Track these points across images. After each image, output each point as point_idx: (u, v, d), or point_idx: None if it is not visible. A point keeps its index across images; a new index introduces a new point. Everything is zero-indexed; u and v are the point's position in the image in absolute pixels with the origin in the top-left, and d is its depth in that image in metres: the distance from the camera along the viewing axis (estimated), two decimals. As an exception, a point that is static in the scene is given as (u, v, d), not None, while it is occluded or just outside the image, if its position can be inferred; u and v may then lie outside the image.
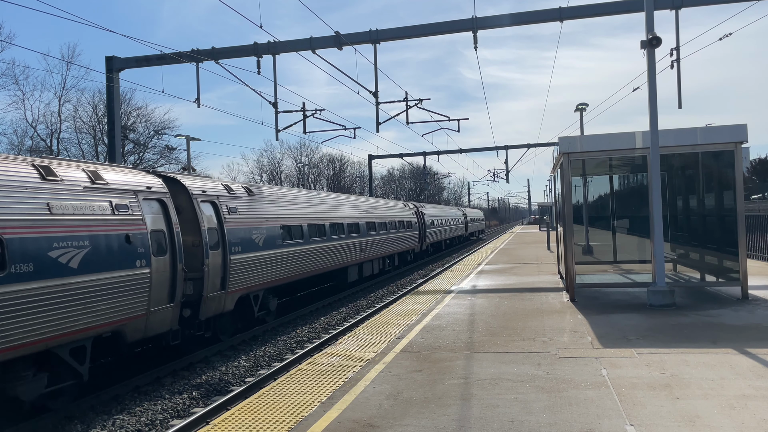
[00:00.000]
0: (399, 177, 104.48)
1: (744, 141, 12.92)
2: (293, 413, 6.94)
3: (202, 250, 12.95)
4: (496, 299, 14.92)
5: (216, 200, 14.06)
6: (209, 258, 13.11)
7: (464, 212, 63.08)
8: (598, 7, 18.04)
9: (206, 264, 12.99)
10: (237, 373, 12.46)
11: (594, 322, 11.40)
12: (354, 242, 23.59)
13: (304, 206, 19.71)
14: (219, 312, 13.73)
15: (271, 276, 16.26)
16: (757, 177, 54.64)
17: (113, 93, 20.85)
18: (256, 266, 15.34)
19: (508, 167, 48.90)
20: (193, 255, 12.81)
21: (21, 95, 60.03)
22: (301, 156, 78.16)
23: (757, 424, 5.93)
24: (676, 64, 17.00)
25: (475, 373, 8.20)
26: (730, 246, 13.40)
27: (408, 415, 6.61)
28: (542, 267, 23.19)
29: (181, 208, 12.72)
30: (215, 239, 13.64)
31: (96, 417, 9.78)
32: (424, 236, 38.32)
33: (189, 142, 31.90)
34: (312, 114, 25.32)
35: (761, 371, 7.68)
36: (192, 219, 13.04)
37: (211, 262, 13.21)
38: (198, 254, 12.92)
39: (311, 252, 19.16)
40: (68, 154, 45.32)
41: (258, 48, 19.59)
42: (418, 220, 37.00)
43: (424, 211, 39.64)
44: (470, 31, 18.49)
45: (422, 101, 26.94)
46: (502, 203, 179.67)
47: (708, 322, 10.95)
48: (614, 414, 6.35)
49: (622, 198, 16.52)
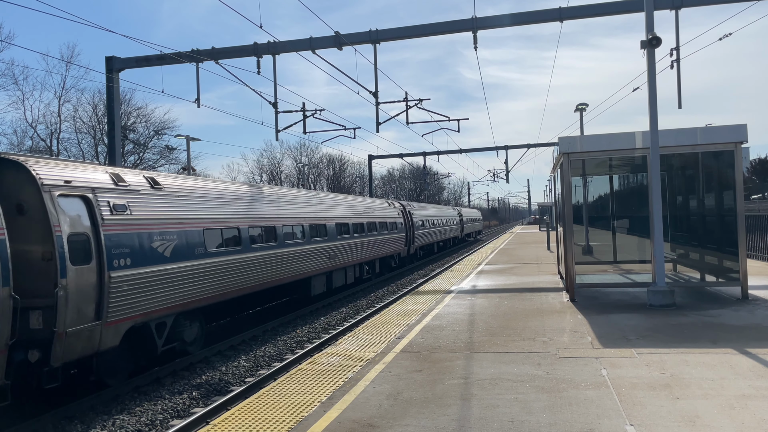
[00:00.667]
0: (399, 177, 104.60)
1: (744, 141, 12.93)
2: (293, 413, 6.94)
3: (55, 266, 9.29)
4: (496, 299, 14.92)
5: (90, 194, 10.42)
6: (67, 277, 9.36)
7: (460, 212, 59.85)
8: (598, 7, 18.03)
9: (61, 286, 9.25)
10: (237, 373, 12.47)
11: (594, 322, 11.40)
12: (318, 248, 19.90)
13: (244, 205, 15.89)
14: (92, 352, 10.05)
15: (186, 296, 12.48)
16: (757, 177, 54.66)
17: (113, 93, 20.84)
18: (159, 284, 11.62)
19: (508, 167, 48.89)
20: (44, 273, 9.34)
21: (21, 95, 60.00)
22: (301, 156, 78.28)
23: (757, 424, 5.93)
24: (676, 64, 16.99)
25: (475, 373, 8.20)
26: (730, 246, 13.40)
27: (408, 415, 6.61)
28: (542, 267, 23.19)
29: (25, 206, 9.42)
30: (84, 249, 9.94)
31: (96, 417, 9.78)
32: (412, 239, 34.86)
33: (189, 142, 31.88)
34: (312, 114, 25.32)
35: (761, 371, 7.68)
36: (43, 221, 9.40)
37: (73, 282, 9.48)
38: (51, 272, 9.32)
39: (252, 262, 15.34)
40: (68, 155, 45.35)
41: (258, 48, 19.58)
42: (405, 221, 33.65)
43: (412, 210, 36.52)
44: (470, 31, 18.49)
45: (422, 101, 26.95)
46: (502, 203, 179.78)
47: (708, 322, 10.95)
48: (614, 414, 6.35)
49: (622, 198, 16.52)
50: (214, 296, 13.62)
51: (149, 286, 11.28)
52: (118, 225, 10.75)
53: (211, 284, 13.41)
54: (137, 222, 11.32)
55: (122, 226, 10.87)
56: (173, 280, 12.05)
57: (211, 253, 13.50)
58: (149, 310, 11.30)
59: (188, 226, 12.91)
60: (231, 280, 14.27)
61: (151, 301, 11.32)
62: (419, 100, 26.85)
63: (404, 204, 36.14)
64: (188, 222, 12.97)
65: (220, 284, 13.81)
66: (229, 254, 14.34)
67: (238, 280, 14.67)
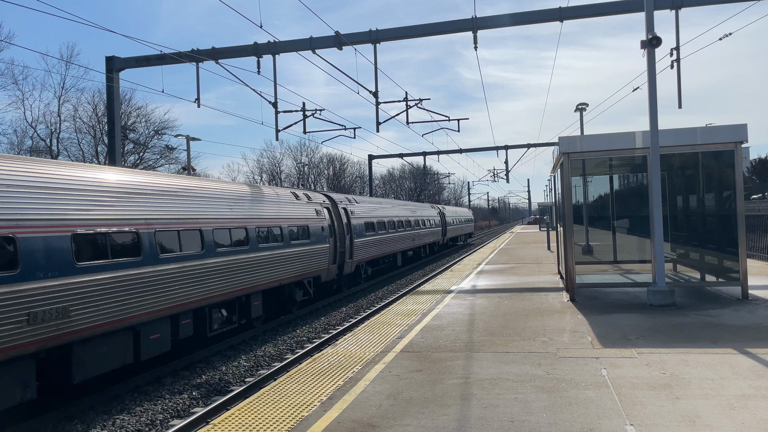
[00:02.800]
0: (399, 177, 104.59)
1: (744, 141, 12.93)
2: (293, 413, 6.94)
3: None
4: (496, 299, 14.92)
5: None
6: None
7: (441, 210, 47.95)
8: (598, 7, 18.03)
9: None
10: (237, 373, 12.47)
11: (594, 322, 11.40)
12: None
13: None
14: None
15: None
16: (757, 177, 54.67)
17: (113, 93, 20.84)
18: None
19: (508, 167, 48.84)
20: None
21: (20, 95, 59.89)
22: (301, 156, 78.21)
23: (757, 424, 5.93)
24: (676, 64, 16.98)
25: (475, 373, 8.20)
26: (730, 246, 13.40)
27: (408, 415, 6.61)
28: (542, 267, 23.19)
29: None
30: None
31: (96, 417, 9.78)
32: (351, 250, 23.19)
33: (189, 142, 31.87)
34: (312, 114, 25.28)
35: (761, 371, 7.69)
36: None
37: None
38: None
39: None
40: (68, 154, 45.39)
41: (258, 48, 19.58)
42: (333, 224, 21.70)
43: (350, 207, 24.16)
44: (470, 31, 18.49)
45: (422, 101, 26.91)
46: (502, 203, 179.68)
47: (708, 322, 10.95)
48: (614, 414, 6.35)
49: (622, 198, 16.52)
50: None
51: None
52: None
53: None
54: None
55: None
56: None
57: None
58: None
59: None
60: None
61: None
62: (419, 99, 26.81)
63: (334, 197, 23.50)
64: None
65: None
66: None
67: None
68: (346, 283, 23.56)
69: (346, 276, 23.33)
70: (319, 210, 20.77)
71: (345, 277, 23.17)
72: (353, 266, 23.89)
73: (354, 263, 23.84)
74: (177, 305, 12.02)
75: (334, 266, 21.64)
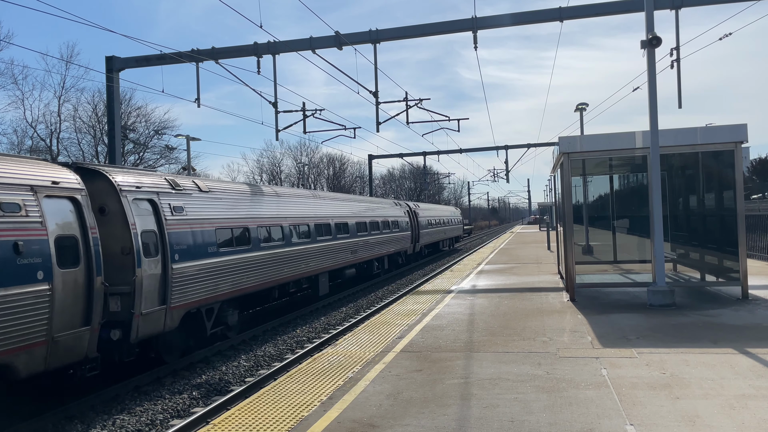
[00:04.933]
0: (399, 177, 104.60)
1: (744, 141, 12.92)
2: (293, 413, 6.94)
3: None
4: (496, 299, 14.92)
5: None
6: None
7: (412, 210, 36.56)
8: (598, 6, 18.03)
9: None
10: (237, 373, 12.47)
11: (594, 321, 11.40)
12: None
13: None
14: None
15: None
16: (757, 177, 54.66)
17: (113, 93, 20.84)
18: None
19: (508, 167, 48.84)
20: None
21: (20, 95, 59.72)
22: (301, 156, 78.16)
23: (757, 423, 5.93)
24: (676, 64, 16.98)
25: (475, 372, 8.20)
26: (730, 246, 13.40)
27: (408, 415, 6.61)
28: (542, 267, 23.19)
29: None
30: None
31: (96, 417, 9.78)
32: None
33: (189, 142, 31.90)
34: (312, 114, 25.29)
35: (761, 371, 7.69)
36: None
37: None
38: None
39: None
40: (68, 154, 45.36)
41: (258, 48, 19.58)
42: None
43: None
44: (470, 31, 18.48)
45: (422, 101, 26.91)
46: (502, 203, 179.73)
47: (708, 322, 10.95)
48: (614, 414, 6.35)
49: (622, 198, 16.52)
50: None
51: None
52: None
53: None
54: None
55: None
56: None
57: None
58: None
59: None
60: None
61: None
62: (419, 99, 26.81)
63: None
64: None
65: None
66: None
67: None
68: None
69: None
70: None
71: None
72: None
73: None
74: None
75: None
